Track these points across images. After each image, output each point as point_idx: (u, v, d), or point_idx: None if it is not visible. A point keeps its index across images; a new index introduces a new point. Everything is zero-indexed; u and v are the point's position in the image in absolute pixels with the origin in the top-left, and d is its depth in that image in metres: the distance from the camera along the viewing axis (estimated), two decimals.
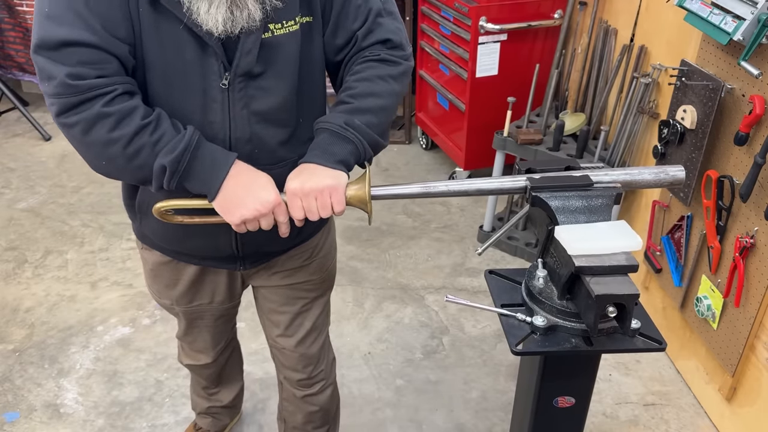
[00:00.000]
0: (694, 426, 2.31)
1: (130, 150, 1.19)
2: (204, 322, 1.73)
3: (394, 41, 1.37)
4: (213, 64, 1.24)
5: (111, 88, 1.17)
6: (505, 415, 2.32)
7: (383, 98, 1.34)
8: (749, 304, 2.02)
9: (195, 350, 1.84)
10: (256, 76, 1.28)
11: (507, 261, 3.13)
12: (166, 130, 1.21)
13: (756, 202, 1.95)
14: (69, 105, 1.16)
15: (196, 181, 1.24)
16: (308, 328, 1.70)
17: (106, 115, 1.16)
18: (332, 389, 1.88)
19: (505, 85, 3.27)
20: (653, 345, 1.32)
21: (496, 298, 1.44)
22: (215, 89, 1.26)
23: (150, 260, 1.59)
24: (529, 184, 1.31)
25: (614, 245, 1.24)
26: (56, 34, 1.14)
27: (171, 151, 1.20)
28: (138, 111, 1.20)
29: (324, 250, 1.66)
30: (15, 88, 4.47)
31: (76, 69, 1.14)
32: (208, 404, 2.09)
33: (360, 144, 1.30)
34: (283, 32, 1.27)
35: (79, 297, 2.85)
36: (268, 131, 1.33)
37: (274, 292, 1.65)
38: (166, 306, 1.69)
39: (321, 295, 1.71)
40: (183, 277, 1.57)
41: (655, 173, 1.35)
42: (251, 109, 1.30)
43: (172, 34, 1.21)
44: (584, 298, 1.23)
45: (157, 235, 1.51)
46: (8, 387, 2.41)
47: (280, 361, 1.79)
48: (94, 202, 3.51)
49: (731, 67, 2.03)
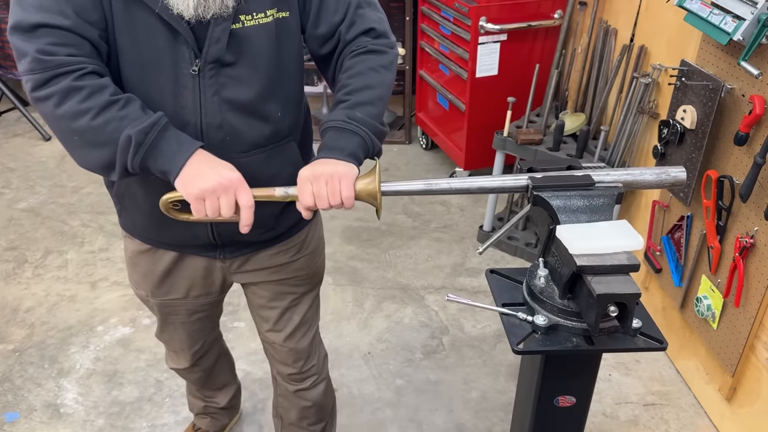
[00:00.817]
0: (694, 426, 2.31)
1: (97, 121, 1.21)
2: (178, 318, 1.72)
3: (377, 30, 1.40)
4: (184, 51, 1.28)
5: (80, 66, 1.21)
6: (505, 415, 2.32)
7: (378, 88, 1.37)
8: (749, 304, 2.02)
9: (172, 350, 1.85)
10: (228, 64, 1.31)
11: (507, 261, 3.13)
12: (134, 109, 1.24)
13: (756, 202, 1.96)
14: (41, 80, 1.20)
15: (160, 157, 1.24)
16: (297, 323, 1.72)
17: (76, 89, 1.20)
18: (325, 385, 1.89)
19: (505, 85, 3.27)
20: (654, 344, 1.33)
21: (497, 297, 1.45)
22: (186, 76, 1.29)
23: (130, 248, 1.61)
24: (531, 183, 1.31)
25: (615, 244, 1.24)
26: (30, 17, 1.19)
27: (139, 124, 1.22)
28: (108, 88, 1.23)
29: (311, 246, 1.66)
30: (15, 88, 4.47)
31: (47, 47, 1.19)
32: (204, 404, 2.09)
33: (366, 135, 1.32)
34: (253, 23, 1.31)
35: (79, 297, 2.85)
36: (240, 120, 1.35)
37: (262, 287, 1.66)
38: (142, 297, 1.69)
39: (309, 291, 1.72)
40: (159, 265, 1.58)
41: (656, 174, 1.35)
42: (222, 96, 1.32)
43: (144, 21, 1.25)
44: (585, 298, 1.23)
45: (135, 224, 1.54)
46: (8, 387, 2.41)
47: (272, 355, 1.80)
48: (94, 202, 3.51)
49: (731, 67, 2.03)
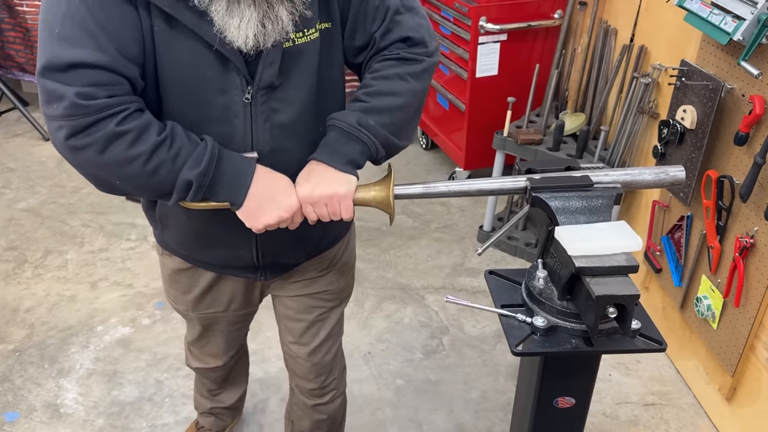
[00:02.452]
0: (694, 426, 2.31)
1: (149, 167, 1.15)
2: (219, 327, 1.72)
3: (414, 39, 1.31)
4: (235, 78, 1.21)
5: (124, 107, 1.13)
6: (505, 415, 2.32)
7: (401, 97, 1.29)
8: (749, 304, 2.02)
9: (206, 354, 1.83)
10: (279, 88, 1.25)
11: (507, 261, 3.13)
12: (183, 144, 1.18)
13: (756, 202, 1.95)
14: (81, 126, 1.11)
15: (220, 193, 1.22)
16: (323, 338, 1.69)
17: (122, 134, 1.13)
18: (342, 399, 1.88)
19: (505, 85, 3.27)
20: (653, 345, 1.32)
21: (496, 298, 1.44)
22: (237, 104, 1.23)
23: (169, 266, 1.58)
24: (530, 184, 1.31)
25: (614, 246, 1.24)
26: (67, 55, 1.09)
27: (196, 165, 1.17)
28: (153, 126, 1.16)
29: (343, 260, 1.64)
30: (15, 88, 4.46)
31: (87, 89, 1.10)
32: (210, 405, 2.09)
33: (372, 144, 1.28)
34: (304, 41, 1.24)
35: (79, 297, 2.85)
36: (289, 143, 1.30)
37: (292, 299, 1.63)
38: (182, 312, 1.68)
39: (337, 306, 1.70)
40: (200, 283, 1.57)
41: (655, 173, 1.35)
42: (273, 121, 1.27)
43: (190, 50, 1.17)
44: (584, 299, 1.23)
45: (178, 244, 1.50)
46: (8, 387, 2.41)
47: (293, 369, 1.77)
48: (94, 202, 3.51)
49: (731, 67, 2.03)
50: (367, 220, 3.38)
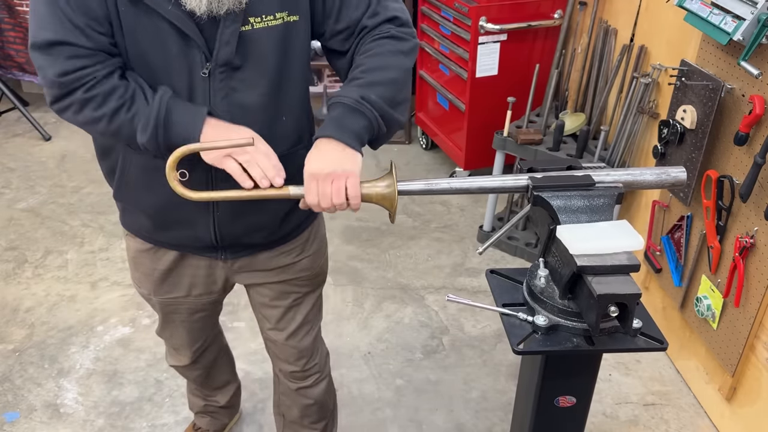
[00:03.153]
0: (694, 426, 2.31)
1: (112, 126, 1.29)
2: (180, 317, 1.72)
3: (401, 19, 1.40)
4: (195, 54, 1.28)
5: (92, 76, 1.25)
6: (505, 415, 2.32)
7: (395, 71, 1.35)
8: (749, 304, 2.02)
9: (173, 348, 1.85)
10: (237, 68, 1.31)
11: (507, 261, 3.13)
12: (139, 106, 1.27)
13: (756, 202, 1.96)
14: (60, 95, 1.27)
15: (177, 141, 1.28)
16: (300, 322, 1.72)
17: (88, 99, 1.27)
18: (327, 383, 1.89)
19: (505, 85, 3.27)
20: (655, 344, 1.33)
21: (498, 297, 1.45)
22: (197, 78, 1.30)
23: (132, 247, 1.62)
24: (531, 183, 1.31)
25: (616, 245, 1.24)
26: (44, 35, 1.24)
27: (144, 129, 1.27)
28: (116, 91, 1.27)
29: (314, 247, 1.66)
30: (15, 88, 4.47)
31: (63, 64, 1.24)
32: (204, 403, 2.09)
33: (375, 119, 1.31)
34: (262, 26, 1.30)
35: (79, 297, 2.84)
36: (248, 124, 1.34)
37: (266, 287, 1.66)
38: (144, 296, 1.70)
39: (312, 291, 1.72)
40: (160, 264, 1.59)
41: (656, 174, 1.35)
42: (231, 100, 1.33)
43: (154, 28, 1.25)
44: (586, 298, 1.23)
45: (138, 224, 1.55)
46: (8, 387, 2.41)
47: (274, 353, 1.81)
48: (94, 202, 3.51)
49: (731, 67, 2.03)
50: (367, 220, 3.38)
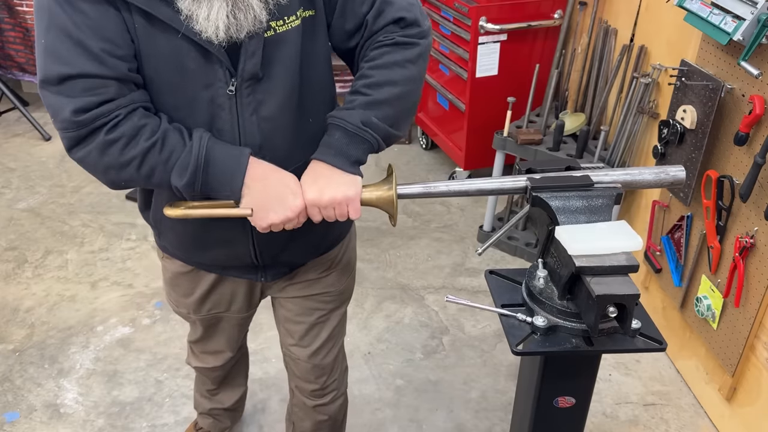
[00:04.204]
0: (694, 426, 2.31)
1: (143, 171, 1.19)
2: (221, 327, 1.72)
3: (407, 19, 1.29)
4: (217, 70, 1.20)
5: (114, 114, 1.15)
6: (505, 415, 2.32)
7: (401, 86, 1.28)
8: (749, 304, 2.02)
9: (207, 353, 1.83)
10: (261, 78, 1.24)
11: (507, 261, 3.13)
12: (174, 146, 1.19)
13: (756, 202, 1.95)
14: (78, 138, 1.16)
15: (217, 193, 1.23)
16: (324, 339, 1.68)
17: (112, 142, 1.16)
18: (343, 399, 1.88)
19: (505, 85, 3.27)
20: (654, 345, 1.32)
21: (497, 298, 1.44)
22: (222, 96, 1.23)
23: (170, 269, 1.58)
24: (530, 184, 1.31)
25: (615, 245, 1.24)
26: (56, 69, 1.12)
27: (182, 174, 1.18)
28: (144, 130, 1.17)
29: (343, 262, 1.63)
30: (15, 88, 4.46)
31: (80, 101, 1.13)
32: (210, 405, 2.09)
33: (375, 142, 1.28)
34: (285, 29, 1.23)
35: (79, 297, 2.85)
36: (278, 137, 1.30)
37: (292, 301, 1.63)
38: (183, 315, 1.68)
39: (338, 307, 1.69)
40: (201, 285, 1.56)
41: (655, 173, 1.35)
42: (260, 114, 1.26)
43: (170, 45, 1.17)
44: (585, 299, 1.23)
45: (176, 247, 1.50)
46: (8, 387, 2.41)
47: (293, 370, 1.77)
48: (94, 202, 3.51)
49: (731, 67, 2.03)
50: (367, 220, 3.38)
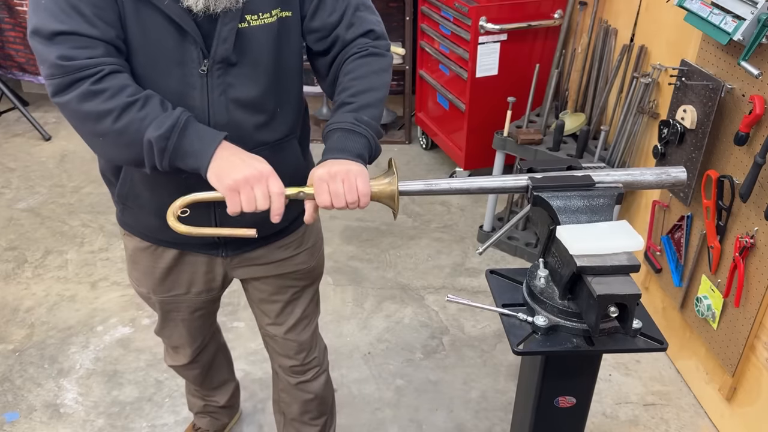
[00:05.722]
0: (694, 426, 2.31)
1: (119, 125, 1.23)
2: (180, 315, 1.72)
3: (377, 32, 1.43)
4: (192, 50, 1.29)
5: (99, 68, 1.22)
6: (505, 415, 2.32)
7: (380, 91, 1.40)
8: (749, 304, 2.02)
9: (172, 347, 1.85)
10: (234, 64, 1.32)
11: (507, 261, 3.13)
12: (153, 108, 1.24)
13: (756, 202, 1.96)
14: (62, 85, 1.22)
15: (187, 157, 1.25)
16: (298, 316, 1.73)
17: (96, 92, 1.22)
18: (326, 377, 1.90)
19: (505, 85, 3.27)
20: (654, 345, 1.32)
21: (498, 297, 1.44)
22: (194, 75, 1.31)
23: (130, 246, 1.62)
24: (531, 183, 1.31)
25: (616, 245, 1.24)
26: (50, 25, 1.20)
27: (158, 127, 1.23)
28: (127, 88, 1.24)
29: (311, 240, 1.67)
30: (15, 88, 4.47)
31: (67, 51, 1.21)
32: (203, 404, 2.09)
33: (371, 137, 1.35)
34: (258, 23, 1.32)
35: (79, 297, 2.84)
36: (245, 118, 1.37)
37: (264, 282, 1.67)
38: (143, 295, 1.70)
39: (310, 284, 1.73)
40: (161, 263, 1.59)
41: (656, 174, 1.35)
42: (229, 95, 1.34)
43: (152, 21, 1.25)
44: (586, 298, 1.23)
45: (139, 223, 1.54)
46: (8, 387, 2.41)
47: (273, 348, 1.81)
48: (94, 202, 3.51)
49: (731, 67, 2.03)
50: (367, 220, 3.38)
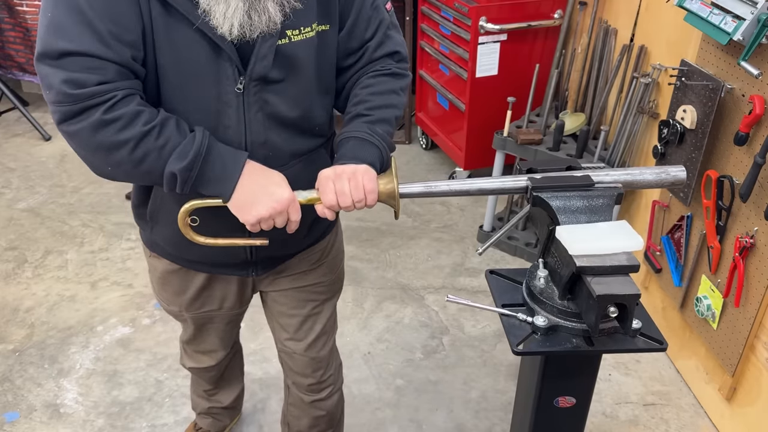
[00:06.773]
0: (694, 426, 2.31)
1: (136, 155, 1.17)
2: (213, 326, 1.72)
3: (401, 54, 1.45)
4: (227, 68, 1.23)
5: (111, 95, 1.14)
6: (505, 415, 2.32)
7: (396, 109, 1.42)
8: (749, 304, 2.02)
9: (200, 353, 1.83)
10: (273, 81, 1.28)
11: (507, 261, 3.13)
12: (171, 135, 1.19)
13: (756, 202, 1.95)
14: (71, 113, 1.14)
15: (208, 185, 1.24)
16: (318, 332, 1.70)
17: (109, 122, 1.14)
18: (339, 394, 1.88)
19: (505, 85, 3.27)
20: (654, 345, 1.32)
21: (497, 298, 1.44)
22: (230, 93, 1.25)
23: (159, 268, 1.58)
24: (531, 183, 1.31)
25: (615, 245, 1.24)
26: (59, 44, 1.12)
27: (181, 158, 1.18)
28: (142, 115, 1.17)
29: (333, 252, 1.65)
30: (15, 88, 4.47)
31: (76, 75, 1.12)
32: (208, 405, 2.09)
33: (383, 149, 1.35)
34: (300, 38, 1.28)
35: (79, 297, 2.84)
36: (282, 134, 1.34)
37: (284, 295, 1.64)
38: (174, 313, 1.67)
39: (330, 298, 1.71)
40: (192, 284, 1.56)
41: (656, 173, 1.35)
42: (266, 112, 1.30)
43: (185, 37, 1.19)
44: (585, 299, 1.23)
45: (168, 243, 1.50)
46: (8, 387, 2.41)
47: (289, 365, 1.77)
48: (94, 202, 3.51)
49: (731, 67, 2.03)
50: (367, 220, 3.38)
